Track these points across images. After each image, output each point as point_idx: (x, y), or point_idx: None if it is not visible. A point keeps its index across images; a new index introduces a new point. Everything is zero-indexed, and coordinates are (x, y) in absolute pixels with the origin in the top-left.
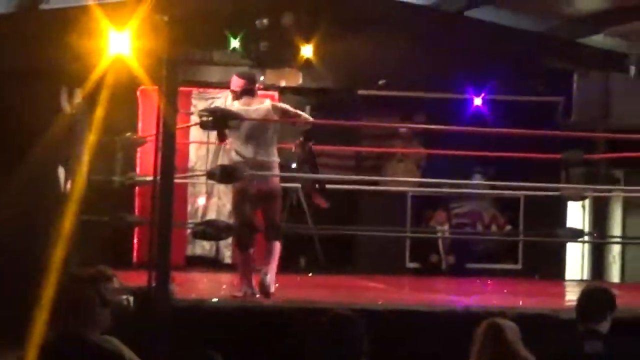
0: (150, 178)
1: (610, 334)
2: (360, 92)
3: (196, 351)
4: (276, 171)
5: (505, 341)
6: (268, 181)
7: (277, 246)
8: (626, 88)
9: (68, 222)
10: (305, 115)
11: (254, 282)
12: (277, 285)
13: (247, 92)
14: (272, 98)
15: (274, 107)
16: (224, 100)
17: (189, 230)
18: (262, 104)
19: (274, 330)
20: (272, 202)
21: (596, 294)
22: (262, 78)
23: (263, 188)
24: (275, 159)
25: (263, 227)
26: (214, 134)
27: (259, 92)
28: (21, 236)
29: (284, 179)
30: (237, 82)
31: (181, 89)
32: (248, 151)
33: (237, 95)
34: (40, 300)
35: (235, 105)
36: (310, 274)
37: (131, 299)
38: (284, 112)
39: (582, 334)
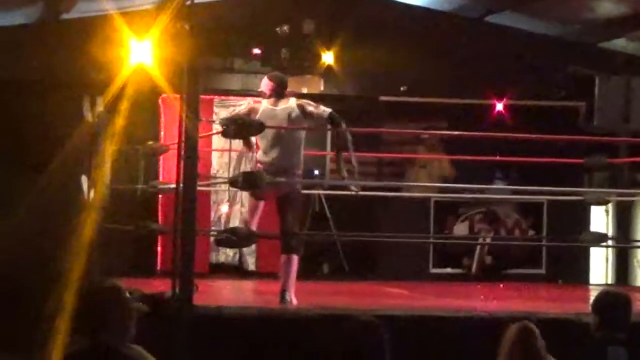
0: (173, 186)
1: (631, 340)
2: (382, 98)
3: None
4: (298, 177)
5: (535, 346)
6: (284, 186)
7: (294, 260)
8: None
9: (91, 230)
10: (323, 107)
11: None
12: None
13: (277, 94)
14: None
15: (298, 105)
16: (250, 101)
17: (212, 238)
18: (288, 103)
19: (296, 337)
20: (288, 208)
21: (618, 300)
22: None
23: (278, 193)
24: (298, 163)
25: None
26: (236, 141)
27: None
28: (45, 245)
29: (306, 186)
30: (266, 85)
31: (203, 97)
32: (270, 156)
33: (267, 97)
34: (63, 310)
35: (264, 104)
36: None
37: (144, 306)
38: (304, 107)
39: (602, 340)
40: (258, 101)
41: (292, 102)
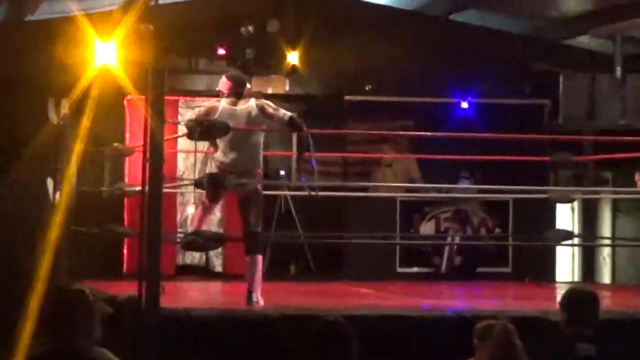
0: (138, 188)
1: (600, 336)
2: (347, 97)
3: None
4: (258, 177)
5: (518, 345)
6: (246, 187)
7: (258, 260)
8: (612, 89)
9: (57, 232)
10: (283, 111)
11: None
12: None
13: (235, 94)
14: None
15: (258, 105)
16: (213, 100)
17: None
18: (248, 103)
19: (264, 338)
20: (250, 209)
21: (586, 297)
22: (248, 85)
23: (240, 194)
24: (259, 164)
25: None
26: (201, 143)
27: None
28: (10, 247)
29: (272, 187)
30: (224, 84)
31: (168, 98)
32: (230, 157)
33: (225, 96)
34: (28, 312)
35: (222, 104)
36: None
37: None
38: (264, 108)
39: (571, 337)
40: (218, 100)
41: (251, 102)
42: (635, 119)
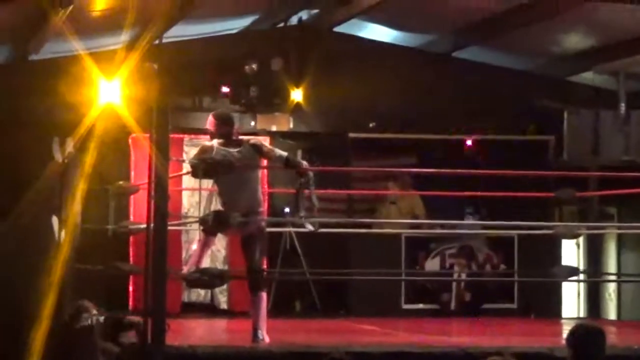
0: (143, 226)
1: None
2: (351, 135)
3: None
4: (261, 215)
5: None
6: (248, 225)
7: (262, 298)
8: (616, 125)
9: (62, 271)
10: (279, 151)
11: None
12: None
13: (224, 134)
14: None
15: (253, 145)
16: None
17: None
18: (241, 146)
19: None
20: (254, 247)
21: (592, 333)
22: (252, 123)
23: (243, 233)
24: (260, 202)
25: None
26: (205, 180)
27: (249, 137)
28: (12, 286)
29: (276, 224)
30: (210, 123)
31: (172, 136)
32: (231, 197)
33: (212, 136)
34: (31, 350)
35: (216, 146)
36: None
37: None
38: (260, 148)
39: None
40: (210, 140)
41: (246, 143)
42: (639, 155)
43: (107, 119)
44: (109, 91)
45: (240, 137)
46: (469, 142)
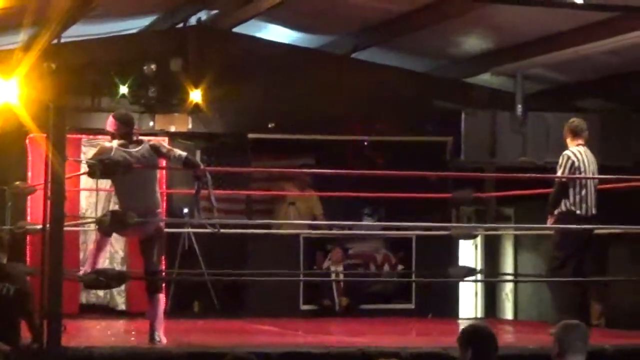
0: (40, 226)
1: None
2: (250, 135)
3: None
4: (159, 216)
5: None
6: (147, 226)
7: (160, 299)
8: (513, 126)
9: None
10: (178, 151)
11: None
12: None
13: (124, 135)
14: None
15: (152, 146)
16: (105, 143)
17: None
18: (141, 146)
19: None
20: (152, 248)
21: (482, 333)
22: (151, 123)
23: (142, 234)
24: (158, 202)
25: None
26: (103, 181)
27: (149, 137)
28: None
29: (175, 225)
30: (111, 123)
31: (70, 136)
32: (130, 198)
33: (113, 137)
34: None
35: (115, 147)
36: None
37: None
38: (158, 149)
39: None
40: (110, 141)
41: (144, 144)
42: (535, 156)
43: (4, 119)
44: (6, 91)
45: (140, 137)
46: (367, 143)
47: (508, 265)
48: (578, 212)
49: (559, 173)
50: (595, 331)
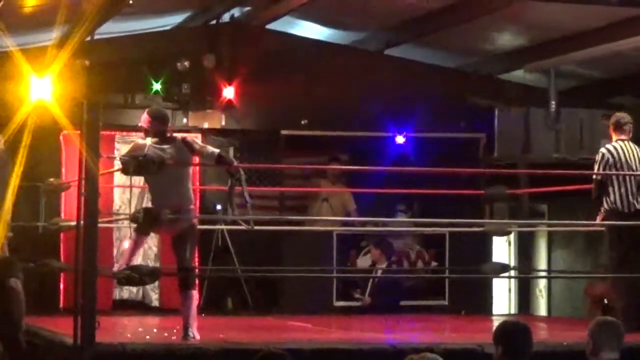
0: (74, 223)
1: None
2: (283, 132)
3: None
4: (192, 212)
5: None
6: (179, 223)
7: (192, 295)
8: (546, 123)
9: None
10: (211, 148)
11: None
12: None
13: (158, 133)
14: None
15: (186, 142)
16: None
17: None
18: (174, 142)
19: None
20: (185, 245)
21: (518, 330)
22: (184, 120)
23: (174, 231)
24: (191, 199)
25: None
26: (137, 177)
27: (182, 134)
28: None
29: (208, 222)
30: (145, 120)
31: (103, 133)
32: (162, 195)
33: (147, 134)
34: None
35: (148, 143)
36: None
37: None
38: (192, 145)
39: None
40: (144, 138)
41: (178, 141)
42: (569, 153)
43: (38, 116)
44: (40, 88)
45: (173, 134)
46: (400, 140)
47: (541, 261)
48: (620, 209)
49: (595, 170)
50: None
